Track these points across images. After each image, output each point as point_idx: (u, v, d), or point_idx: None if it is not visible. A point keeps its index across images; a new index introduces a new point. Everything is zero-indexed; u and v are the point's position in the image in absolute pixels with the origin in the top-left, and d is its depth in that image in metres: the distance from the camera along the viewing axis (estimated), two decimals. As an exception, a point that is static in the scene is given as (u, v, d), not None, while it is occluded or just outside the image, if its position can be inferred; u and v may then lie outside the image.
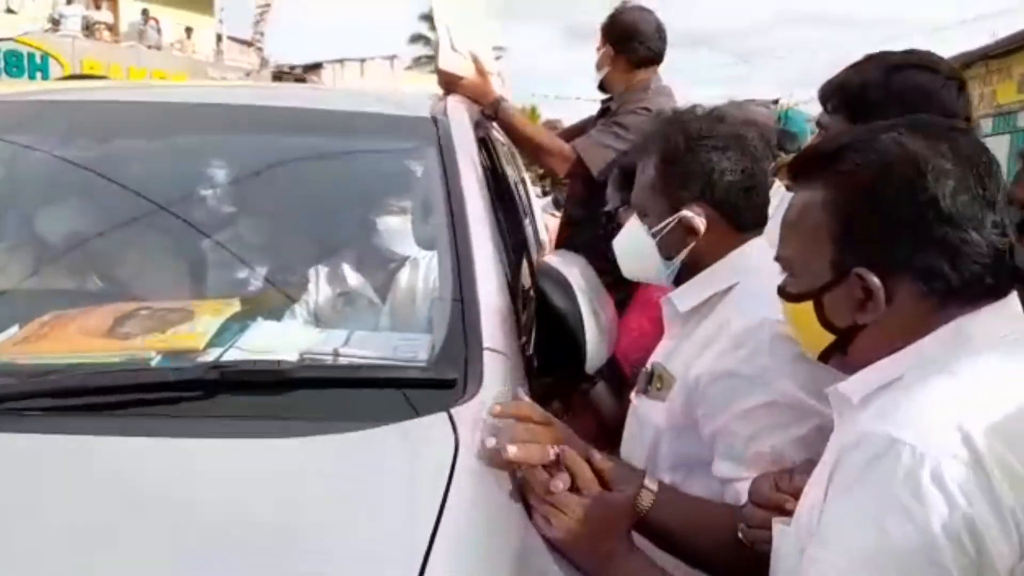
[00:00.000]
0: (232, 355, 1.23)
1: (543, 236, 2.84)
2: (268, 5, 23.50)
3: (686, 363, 1.29)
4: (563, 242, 2.51)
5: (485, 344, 1.25)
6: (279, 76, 21.40)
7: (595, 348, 1.39)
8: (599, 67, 2.56)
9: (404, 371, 1.21)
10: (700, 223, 1.31)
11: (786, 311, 1.04)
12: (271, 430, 1.05)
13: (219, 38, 23.57)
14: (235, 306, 1.38)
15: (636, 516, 1.16)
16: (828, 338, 0.99)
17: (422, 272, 1.53)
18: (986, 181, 0.92)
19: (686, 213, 1.31)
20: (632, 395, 1.44)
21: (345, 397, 1.16)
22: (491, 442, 1.04)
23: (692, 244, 1.33)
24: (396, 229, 1.61)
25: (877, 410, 0.91)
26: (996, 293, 0.93)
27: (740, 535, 1.11)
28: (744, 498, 1.16)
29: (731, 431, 1.21)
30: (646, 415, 1.36)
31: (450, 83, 2.09)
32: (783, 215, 1.06)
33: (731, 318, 1.25)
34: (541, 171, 4.43)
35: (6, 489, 0.95)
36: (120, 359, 1.22)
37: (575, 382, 1.49)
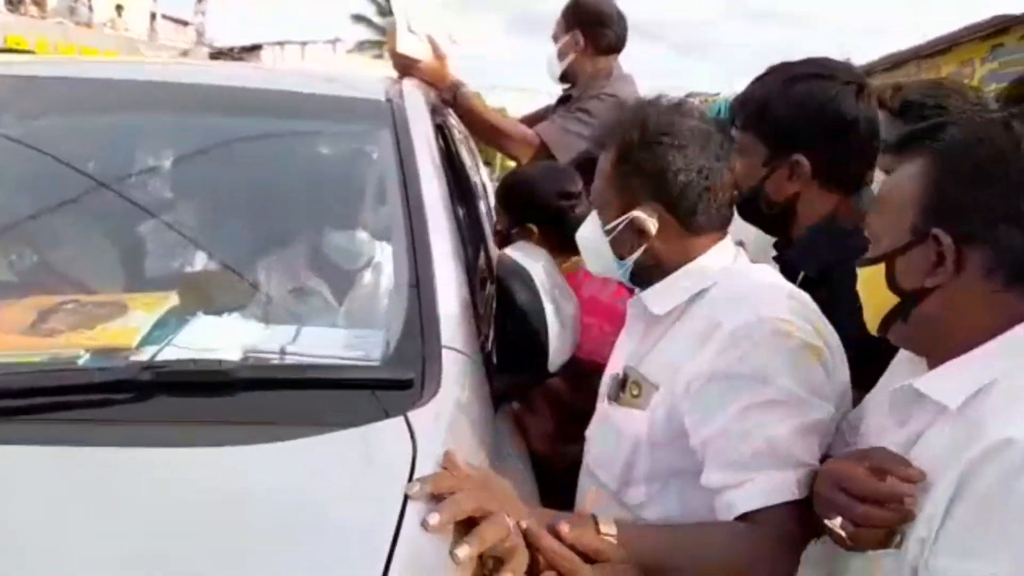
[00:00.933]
0: (168, 353, 1.13)
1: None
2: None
3: (672, 367, 1.22)
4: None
5: (444, 342, 1.18)
6: (216, 57, 20.82)
7: (558, 345, 1.33)
8: (563, 54, 2.51)
9: (357, 371, 1.13)
10: (652, 224, 1.26)
11: (860, 279, 1.07)
12: (211, 438, 0.97)
13: (153, 16, 22.82)
14: (172, 300, 1.27)
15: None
16: (893, 300, 1.02)
17: (376, 264, 1.45)
18: None
19: (636, 214, 1.26)
20: (602, 402, 1.38)
21: (293, 399, 1.08)
22: (434, 519, 0.86)
23: (644, 246, 1.28)
24: (349, 218, 1.52)
25: (995, 416, 0.90)
26: None
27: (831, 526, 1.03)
28: (740, 507, 1.11)
29: (725, 433, 1.13)
30: (622, 425, 1.28)
31: (406, 66, 2.01)
32: (879, 188, 1.11)
33: (721, 320, 1.18)
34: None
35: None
36: (43, 358, 1.11)
37: (536, 380, 1.42)
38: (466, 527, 0.90)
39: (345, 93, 1.75)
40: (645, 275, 1.31)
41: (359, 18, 37.00)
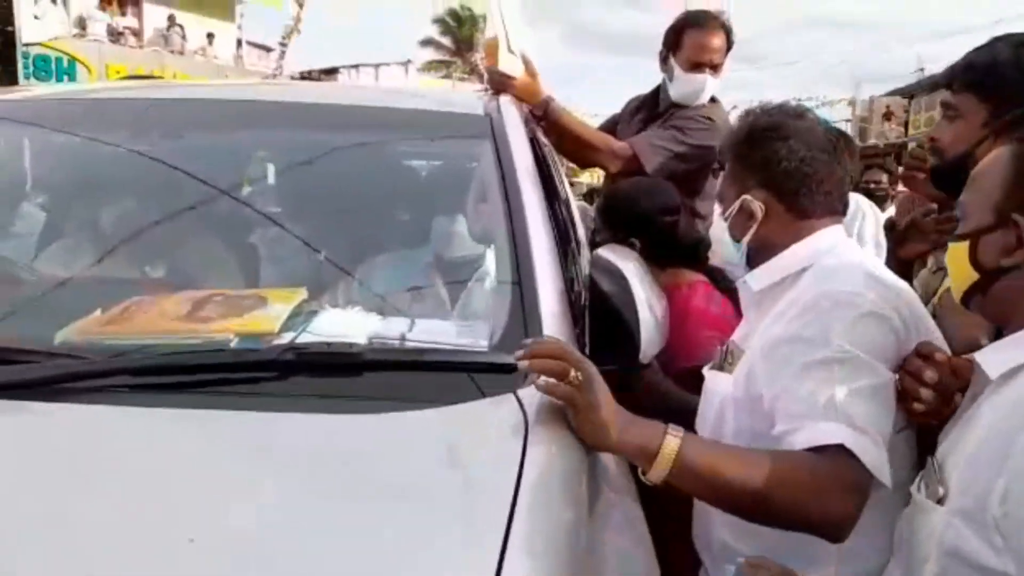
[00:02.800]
0: (305, 338, 1.28)
1: (581, 233, 2.90)
2: (299, 19, 23.80)
3: (757, 340, 1.36)
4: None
5: (544, 331, 1.30)
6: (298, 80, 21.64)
7: (649, 337, 1.44)
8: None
9: (469, 355, 1.26)
10: (758, 208, 1.40)
11: (948, 253, 1.16)
12: (350, 408, 1.11)
13: (239, 43, 23.84)
14: (302, 294, 1.43)
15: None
16: (973, 276, 1.10)
17: (483, 264, 1.58)
18: None
19: (746, 197, 1.41)
20: (705, 372, 1.52)
21: (414, 379, 1.21)
22: (523, 364, 1.11)
23: (753, 227, 1.41)
24: (455, 223, 1.67)
25: None
26: None
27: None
28: (795, 447, 1.18)
29: (789, 391, 1.23)
30: (714, 386, 1.45)
31: (503, 83, 2.14)
32: (977, 167, 1.16)
33: (801, 295, 1.31)
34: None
35: (111, 456, 1.01)
36: (201, 341, 1.27)
37: (628, 369, 1.53)
38: None
39: (450, 109, 1.91)
40: (759, 258, 1.44)
41: (427, 42, 37.91)
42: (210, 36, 20.92)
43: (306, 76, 22.80)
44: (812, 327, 1.24)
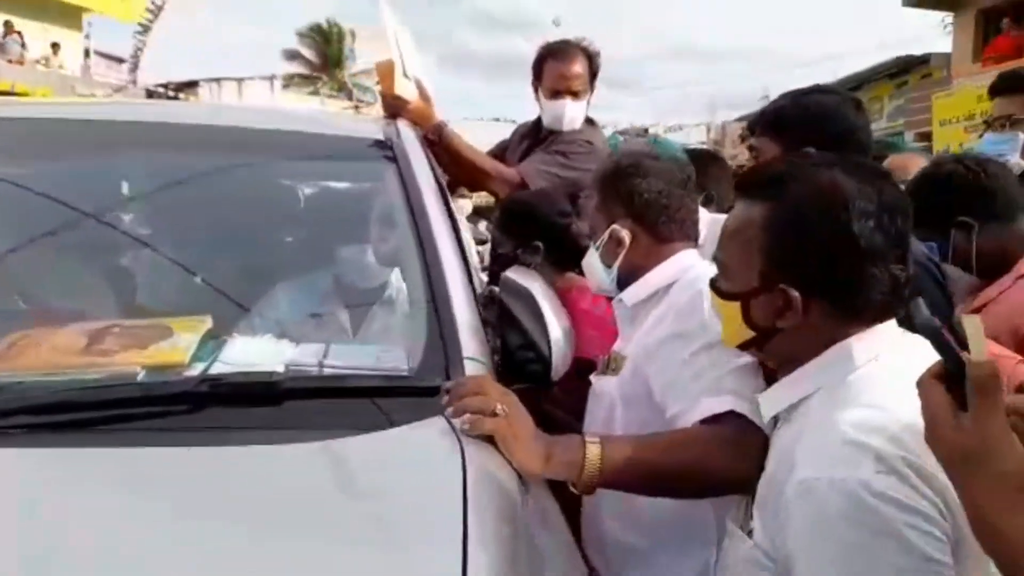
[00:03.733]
0: (218, 368, 1.24)
1: (473, 253, 2.93)
2: (147, 28, 22.66)
3: (639, 342, 1.51)
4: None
5: (464, 353, 1.32)
6: (151, 94, 20.58)
7: (560, 356, 1.48)
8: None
9: (392, 380, 1.26)
10: (625, 235, 1.58)
11: (715, 303, 1.23)
12: (278, 439, 1.08)
13: (87, 52, 22.44)
14: (207, 323, 1.38)
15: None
16: (749, 334, 1.17)
17: (394, 287, 1.58)
18: (898, 223, 1.10)
19: (614, 227, 1.59)
20: (592, 378, 1.65)
21: (336, 407, 1.20)
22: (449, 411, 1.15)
23: (623, 252, 1.57)
24: (362, 247, 1.66)
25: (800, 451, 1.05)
26: (890, 315, 1.11)
27: None
28: (690, 421, 1.31)
29: (680, 378, 1.38)
30: (602, 389, 1.59)
31: (397, 107, 2.15)
32: (725, 221, 1.23)
33: (674, 302, 1.48)
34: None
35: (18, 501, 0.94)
36: (103, 375, 1.21)
37: (540, 388, 1.57)
38: None
39: (350, 133, 1.90)
40: (628, 280, 1.59)
41: (292, 55, 37.05)
42: (55, 46, 19.55)
43: (163, 88, 21.73)
44: (688, 322, 1.41)
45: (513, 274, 1.64)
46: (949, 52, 17.15)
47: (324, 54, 37.05)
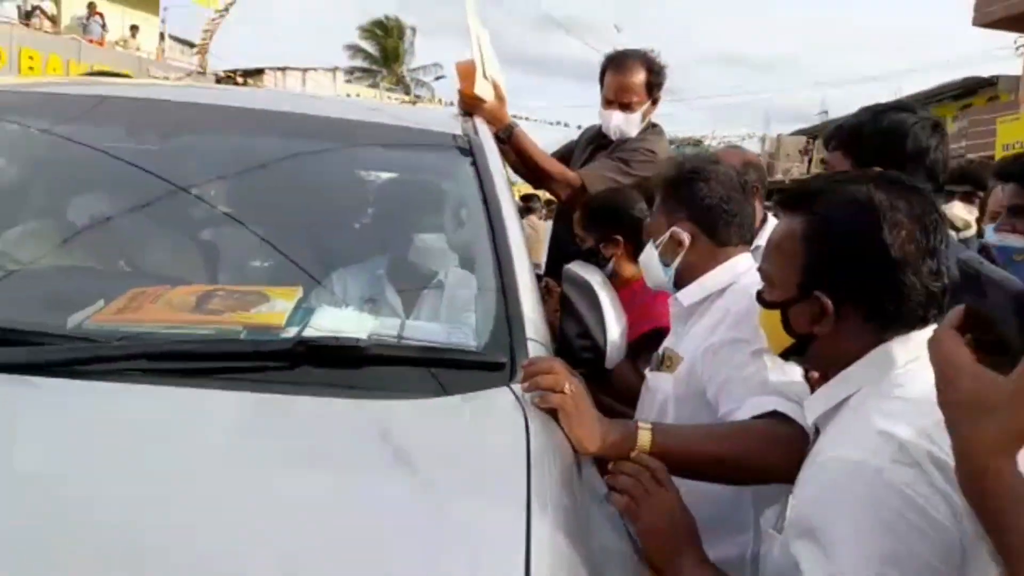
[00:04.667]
0: (310, 332, 1.39)
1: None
2: (225, 12, 23.28)
3: (693, 345, 1.61)
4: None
5: (528, 335, 1.44)
6: (221, 80, 21.16)
7: (615, 346, 1.60)
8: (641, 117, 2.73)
9: (462, 353, 1.39)
10: (685, 237, 1.68)
11: (761, 314, 1.32)
12: (364, 395, 1.22)
13: (161, 37, 23.18)
14: (299, 293, 1.53)
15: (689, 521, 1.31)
16: (788, 340, 1.26)
17: (464, 272, 1.72)
18: (931, 234, 1.17)
19: (675, 229, 1.69)
20: (646, 373, 1.77)
21: (410, 374, 1.33)
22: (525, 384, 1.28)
23: (682, 253, 1.68)
24: (440, 233, 1.80)
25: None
26: (927, 323, 1.18)
27: None
28: (742, 417, 1.43)
29: (732, 379, 1.50)
30: (656, 385, 1.70)
31: (475, 106, 2.28)
32: (769, 235, 1.33)
33: (730, 308, 1.58)
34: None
35: (138, 432, 1.09)
36: (211, 331, 1.36)
37: (595, 374, 1.69)
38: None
39: (434, 127, 2.05)
40: (685, 279, 1.70)
41: (352, 48, 37.73)
42: (134, 28, 20.27)
43: (230, 75, 22.34)
44: (745, 329, 1.50)
45: (575, 266, 1.76)
46: (1018, 75, 16.74)
47: (384, 48, 37.66)
